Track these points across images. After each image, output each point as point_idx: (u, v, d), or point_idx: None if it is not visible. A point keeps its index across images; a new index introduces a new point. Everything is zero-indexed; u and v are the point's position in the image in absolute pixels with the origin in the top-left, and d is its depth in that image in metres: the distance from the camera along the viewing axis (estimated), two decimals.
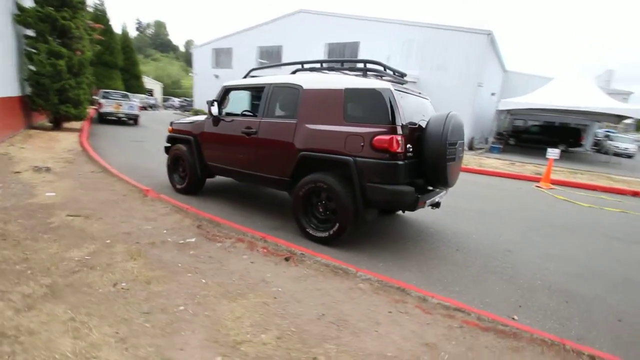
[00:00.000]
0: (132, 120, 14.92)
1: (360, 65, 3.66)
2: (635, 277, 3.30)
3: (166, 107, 38.55)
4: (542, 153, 17.29)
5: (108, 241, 2.98)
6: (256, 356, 1.69)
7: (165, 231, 3.37)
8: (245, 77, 4.56)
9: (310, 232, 3.49)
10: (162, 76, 49.78)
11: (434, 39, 16.99)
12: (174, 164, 5.08)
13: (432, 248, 3.62)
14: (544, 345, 1.96)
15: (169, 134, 5.23)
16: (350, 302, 2.33)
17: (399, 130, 3.04)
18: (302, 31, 21.73)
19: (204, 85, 27.60)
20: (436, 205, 3.61)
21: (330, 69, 3.77)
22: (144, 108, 19.78)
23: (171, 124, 5.31)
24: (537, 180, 8.26)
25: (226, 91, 4.48)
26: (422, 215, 4.68)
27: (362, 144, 3.10)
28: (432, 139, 3.16)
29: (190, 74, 32.72)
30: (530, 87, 18.45)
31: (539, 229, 4.67)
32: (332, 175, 3.31)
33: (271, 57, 23.99)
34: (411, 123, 3.19)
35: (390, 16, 18.99)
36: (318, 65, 3.87)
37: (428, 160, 3.20)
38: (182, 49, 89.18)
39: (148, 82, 39.14)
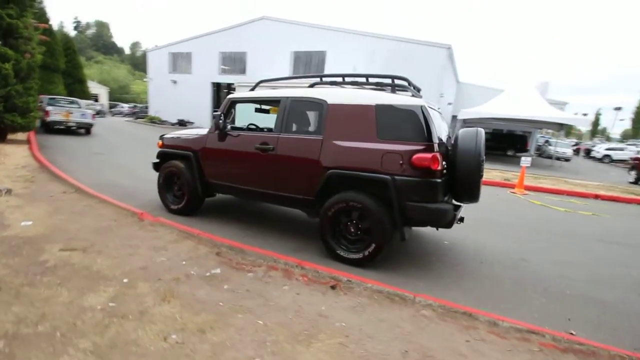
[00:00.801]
0: (83, 130, 13.53)
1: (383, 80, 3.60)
2: None
3: (114, 114, 35.75)
4: (495, 159, 18.79)
5: (125, 280, 2.56)
6: None
7: (183, 262, 3.00)
8: (252, 89, 4.28)
9: (342, 254, 3.32)
10: (107, 80, 46.07)
11: (398, 51, 17.68)
12: (167, 183, 4.62)
13: (458, 263, 3.64)
14: None
15: (159, 149, 4.76)
16: (422, 332, 2.22)
17: (436, 148, 3.02)
18: (267, 38, 21.44)
19: (160, 91, 26.03)
20: (461, 220, 3.64)
21: (354, 83, 3.66)
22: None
23: (161, 138, 4.83)
24: (509, 186, 8.84)
25: (232, 104, 4.16)
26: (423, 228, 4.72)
27: (400, 162, 3.02)
28: (467, 155, 3.18)
29: (144, 79, 30.70)
30: (481, 98, 19.93)
31: (535, 235, 4.94)
32: (365, 194, 3.19)
33: (235, 63, 23.34)
34: (439, 139, 3.18)
35: (355, 27, 19.41)
36: (339, 79, 3.73)
37: (463, 176, 3.21)
38: (127, 51, 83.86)
39: (93, 87, 36.01)
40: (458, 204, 3.56)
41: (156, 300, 2.32)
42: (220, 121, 3.96)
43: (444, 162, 3.10)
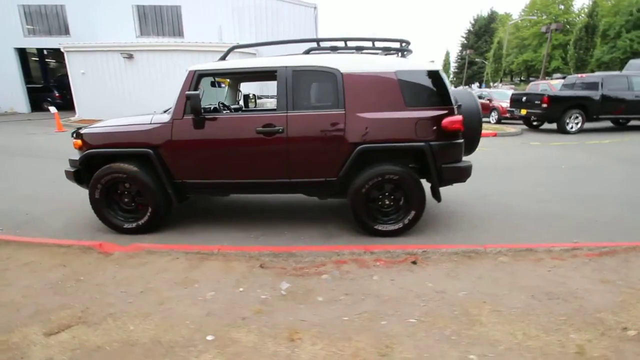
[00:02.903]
0: None
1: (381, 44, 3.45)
2: (563, 193, 4.87)
3: None
4: None
5: (210, 338, 1.88)
6: None
7: (241, 289, 2.39)
8: (223, 57, 3.39)
9: (380, 228, 3.28)
10: None
11: (266, 9, 16.83)
12: (108, 195, 3.38)
13: (454, 210, 4.12)
14: (632, 250, 2.82)
15: (83, 151, 3.35)
16: (517, 276, 2.49)
17: (456, 110, 3.21)
18: None
19: None
20: None
21: (358, 48, 3.35)
22: None
23: (78, 135, 3.41)
24: None
25: (198, 78, 3.23)
26: None
27: (434, 127, 3.09)
28: (471, 113, 3.47)
29: None
30: None
31: None
32: (399, 165, 3.17)
33: (48, 21, 17.47)
34: None
35: None
36: (339, 44, 3.34)
37: (469, 133, 3.53)
38: None
39: None
40: None
41: (284, 344, 1.81)
42: (199, 103, 3.05)
43: None
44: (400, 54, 3.42)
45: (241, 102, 4.81)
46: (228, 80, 4.46)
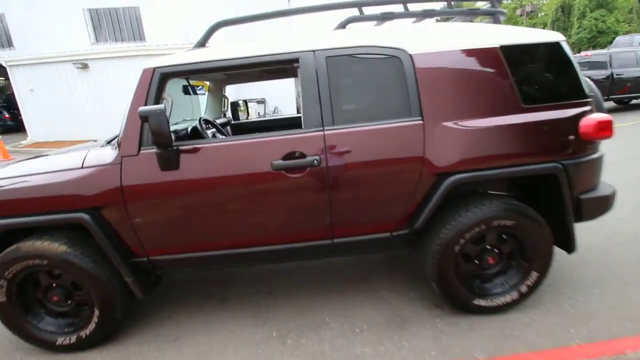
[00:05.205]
0: None
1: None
2: None
3: None
4: None
5: None
6: None
7: None
8: (202, 43, 1.99)
9: (483, 304, 2.03)
10: None
11: (238, 1, 15.25)
12: (21, 294, 1.98)
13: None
14: None
15: None
16: None
17: (591, 104, 2.00)
18: None
19: None
20: None
21: (426, 14, 2.05)
22: None
23: None
24: None
25: (162, 80, 1.86)
26: None
27: (569, 136, 1.86)
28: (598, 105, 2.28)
29: None
30: None
31: None
32: (507, 202, 1.92)
33: None
34: None
35: None
36: (394, 9, 2.03)
37: None
38: None
39: None
40: None
41: None
42: (166, 125, 1.67)
43: None
44: (489, 19, 2.16)
45: (229, 114, 3.42)
46: (208, 83, 3.08)
